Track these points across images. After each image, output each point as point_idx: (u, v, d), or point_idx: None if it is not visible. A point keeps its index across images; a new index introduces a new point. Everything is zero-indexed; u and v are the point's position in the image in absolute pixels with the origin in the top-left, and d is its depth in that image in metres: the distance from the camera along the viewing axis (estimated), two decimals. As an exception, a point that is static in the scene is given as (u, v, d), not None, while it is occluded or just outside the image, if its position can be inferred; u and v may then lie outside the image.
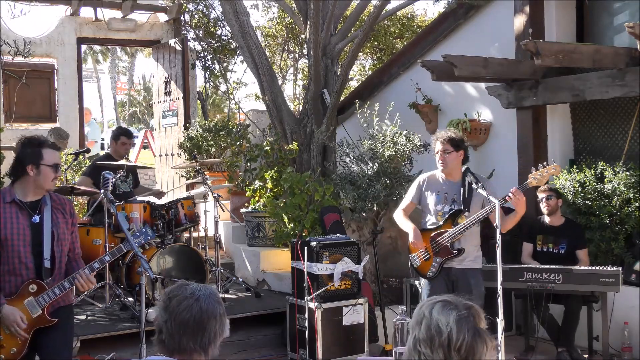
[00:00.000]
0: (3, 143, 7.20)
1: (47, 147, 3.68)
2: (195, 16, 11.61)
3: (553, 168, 4.62)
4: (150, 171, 12.76)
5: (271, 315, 6.20)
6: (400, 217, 5.04)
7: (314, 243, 5.51)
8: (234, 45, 10.97)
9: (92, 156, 9.59)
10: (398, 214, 5.07)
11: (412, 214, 5.10)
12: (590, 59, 5.99)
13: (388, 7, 8.87)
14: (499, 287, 4.28)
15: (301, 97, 13.05)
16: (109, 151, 7.05)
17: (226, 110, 16.69)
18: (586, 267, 5.65)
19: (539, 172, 4.63)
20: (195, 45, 11.41)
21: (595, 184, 6.21)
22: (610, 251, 6.16)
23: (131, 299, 5.94)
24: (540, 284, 5.57)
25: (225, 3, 8.85)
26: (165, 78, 10.40)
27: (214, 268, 6.49)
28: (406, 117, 7.37)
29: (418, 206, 5.08)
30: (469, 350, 1.95)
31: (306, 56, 10.67)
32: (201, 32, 11.60)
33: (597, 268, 5.56)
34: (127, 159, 7.12)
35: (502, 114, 7.18)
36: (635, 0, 6.57)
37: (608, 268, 5.53)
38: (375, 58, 13.43)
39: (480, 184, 4.66)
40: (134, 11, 10.75)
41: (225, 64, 12.10)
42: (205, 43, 11.59)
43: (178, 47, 10.08)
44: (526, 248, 6.11)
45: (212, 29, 11.60)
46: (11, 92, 9.93)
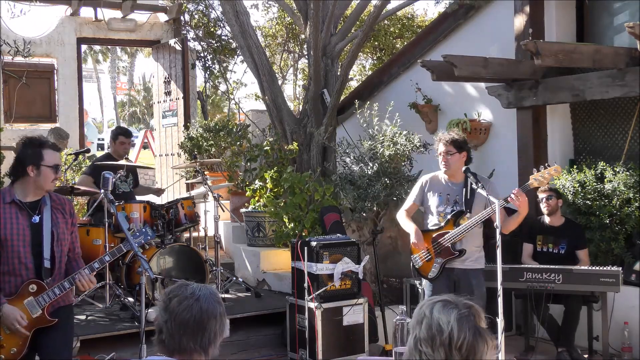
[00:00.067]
0: (3, 143, 7.20)
1: (48, 148, 3.68)
2: (195, 16, 11.61)
3: (554, 170, 4.62)
4: (150, 171, 12.76)
5: (271, 315, 6.19)
6: (403, 218, 5.05)
7: (314, 243, 5.51)
8: (234, 45, 10.97)
9: (90, 157, 9.59)
10: (401, 215, 5.08)
11: (415, 215, 5.11)
12: (590, 59, 5.99)
13: (388, 7, 8.88)
14: (499, 287, 4.27)
15: (301, 97, 13.06)
16: (109, 151, 7.06)
17: (226, 110, 16.70)
18: (586, 267, 5.65)
19: (540, 174, 4.62)
20: (195, 45, 11.42)
21: (595, 184, 6.21)
22: (610, 251, 6.16)
23: (131, 299, 5.93)
24: (540, 284, 5.57)
25: (225, 3, 8.85)
26: (165, 78, 10.41)
27: (214, 268, 6.49)
28: (406, 117, 7.37)
29: (421, 207, 5.09)
30: (470, 349, 1.95)
31: (306, 56, 10.67)
32: (201, 32, 11.60)
33: (597, 268, 5.56)
34: (128, 159, 7.13)
35: (502, 114, 7.18)
36: (635, 0, 6.57)
37: (608, 268, 5.53)
38: (375, 58, 13.43)
39: (480, 184, 4.66)
40: (134, 11, 10.76)
41: (225, 64, 12.10)
42: (205, 43, 11.59)
43: (178, 47, 10.08)
44: (526, 249, 6.10)
45: (212, 29, 11.60)
46: (11, 92, 9.93)
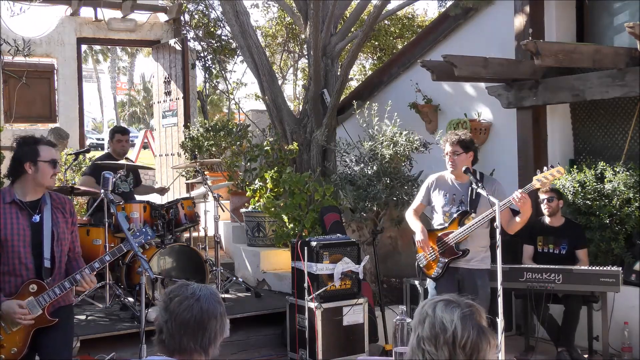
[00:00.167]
0: (3, 143, 7.19)
1: (43, 144, 3.68)
2: (195, 16, 11.61)
3: (557, 171, 4.61)
4: (150, 171, 12.75)
5: (271, 315, 6.19)
6: (410, 217, 5.11)
7: (314, 243, 5.51)
8: (234, 45, 10.97)
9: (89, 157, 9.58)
10: (409, 214, 5.14)
11: (423, 215, 5.14)
12: (590, 59, 5.99)
13: (388, 7, 8.88)
14: (499, 287, 4.27)
15: (301, 97, 13.06)
16: (109, 150, 7.06)
17: (225, 110, 16.70)
18: (586, 267, 5.64)
19: (543, 175, 4.61)
20: (195, 45, 11.42)
21: (595, 184, 6.21)
22: (610, 251, 6.16)
23: (131, 299, 5.93)
24: (540, 284, 5.57)
25: (225, 3, 8.85)
26: (165, 78, 10.40)
27: (214, 268, 6.49)
28: (406, 117, 7.37)
29: (428, 207, 5.11)
30: (474, 347, 1.94)
31: (306, 56, 10.66)
32: (201, 32, 11.60)
33: (597, 268, 5.56)
34: (128, 159, 7.13)
35: (502, 114, 7.18)
36: (635, 0, 6.57)
37: (608, 268, 5.53)
38: (375, 58, 13.43)
39: (480, 185, 4.66)
40: (134, 11, 10.76)
41: (225, 64, 12.10)
42: (205, 43, 11.59)
43: (178, 47, 10.08)
44: (527, 250, 6.09)
45: (212, 29, 11.60)
46: (11, 92, 9.93)
